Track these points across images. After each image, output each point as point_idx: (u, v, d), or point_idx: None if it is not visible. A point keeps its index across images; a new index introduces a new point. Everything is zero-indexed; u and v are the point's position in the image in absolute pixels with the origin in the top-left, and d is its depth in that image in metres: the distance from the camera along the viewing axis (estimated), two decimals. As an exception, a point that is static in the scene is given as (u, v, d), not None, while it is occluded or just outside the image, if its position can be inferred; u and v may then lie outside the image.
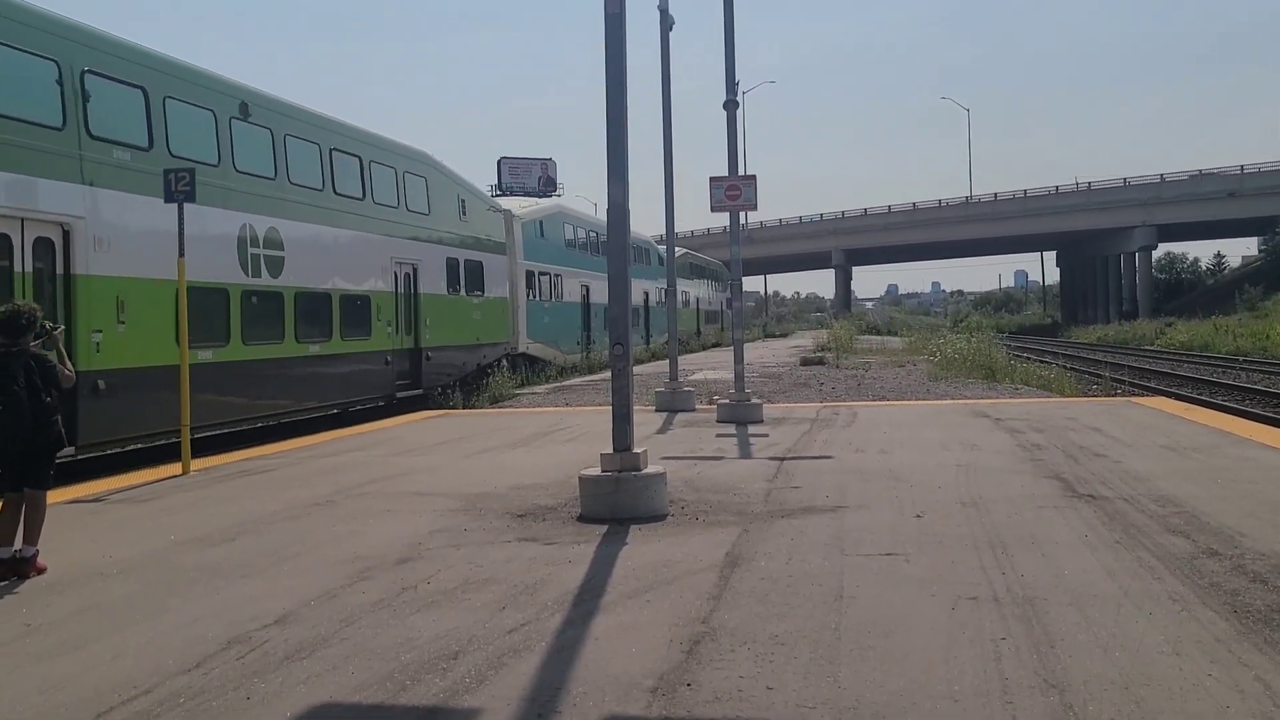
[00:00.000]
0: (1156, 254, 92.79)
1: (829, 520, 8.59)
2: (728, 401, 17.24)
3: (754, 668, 5.04)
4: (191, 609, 6.43)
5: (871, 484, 10.32)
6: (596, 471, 9.13)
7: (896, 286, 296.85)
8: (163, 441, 14.94)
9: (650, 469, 9.18)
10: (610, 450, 9.18)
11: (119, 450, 14.86)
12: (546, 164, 58.30)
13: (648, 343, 48.31)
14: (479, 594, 6.57)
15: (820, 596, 6.27)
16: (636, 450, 9.18)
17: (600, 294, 37.60)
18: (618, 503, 8.88)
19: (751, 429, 15.65)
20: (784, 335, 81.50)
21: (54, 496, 10.66)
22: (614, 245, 9.45)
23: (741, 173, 18.12)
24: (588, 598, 6.42)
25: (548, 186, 56.90)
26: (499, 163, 55.95)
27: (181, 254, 12.55)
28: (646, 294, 50.72)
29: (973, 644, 5.30)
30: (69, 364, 8.02)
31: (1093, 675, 4.79)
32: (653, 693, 4.76)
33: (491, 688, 4.88)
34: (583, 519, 8.92)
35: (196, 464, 13.12)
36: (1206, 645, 5.18)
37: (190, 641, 5.71)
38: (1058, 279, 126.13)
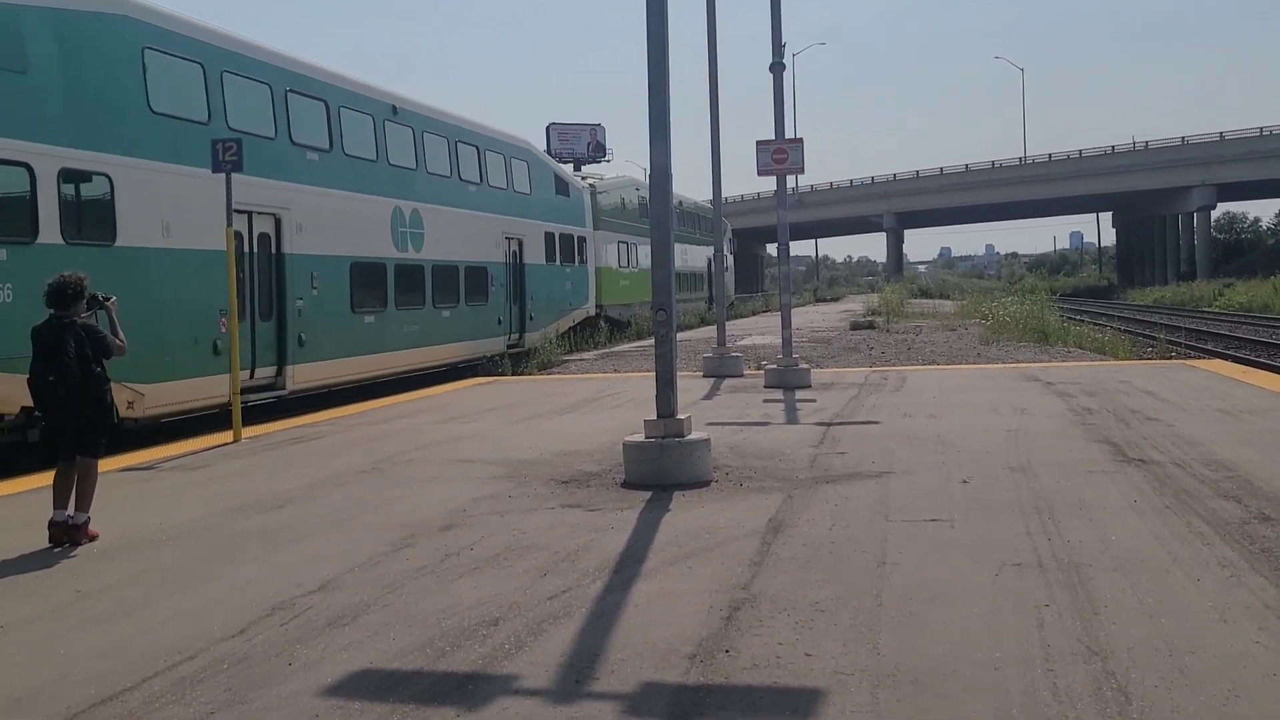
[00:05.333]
0: (1215, 214, 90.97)
1: (874, 486, 8.53)
2: (775, 367, 17.16)
3: (793, 634, 5.03)
4: (237, 575, 6.52)
5: (918, 449, 10.24)
6: (640, 438, 9.13)
7: (950, 249, 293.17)
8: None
9: (694, 435, 9.16)
10: (654, 416, 9.16)
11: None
12: (595, 130, 58.15)
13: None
14: (521, 560, 6.60)
15: (862, 563, 6.24)
16: (680, 416, 9.16)
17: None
18: (662, 469, 8.88)
19: (799, 394, 15.57)
20: (835, 299, 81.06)
21: (107, 464, 10.85)
22: (657, 209, 9.40)
23: (789, 136, 17.97)
24: (629, 564, 6.42)
25: (597, 152, 56.80)
26: (548, 128, 55.88)
27: (229, 223, 12.75)
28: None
29: (1015, 611, 5.25)
30: (121, 334, 8.12)
31: (1137, 643, 4.73)
32: (691, 659, 4.76)
33: (530, 654, 4.90)
34: (627, 485, 8.92)
35: (248, 431, 13.28)
36: (1255, 612, 5.09)
37: (235, 608, 5.78)
38: (1114, 240, 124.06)
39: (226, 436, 12.90)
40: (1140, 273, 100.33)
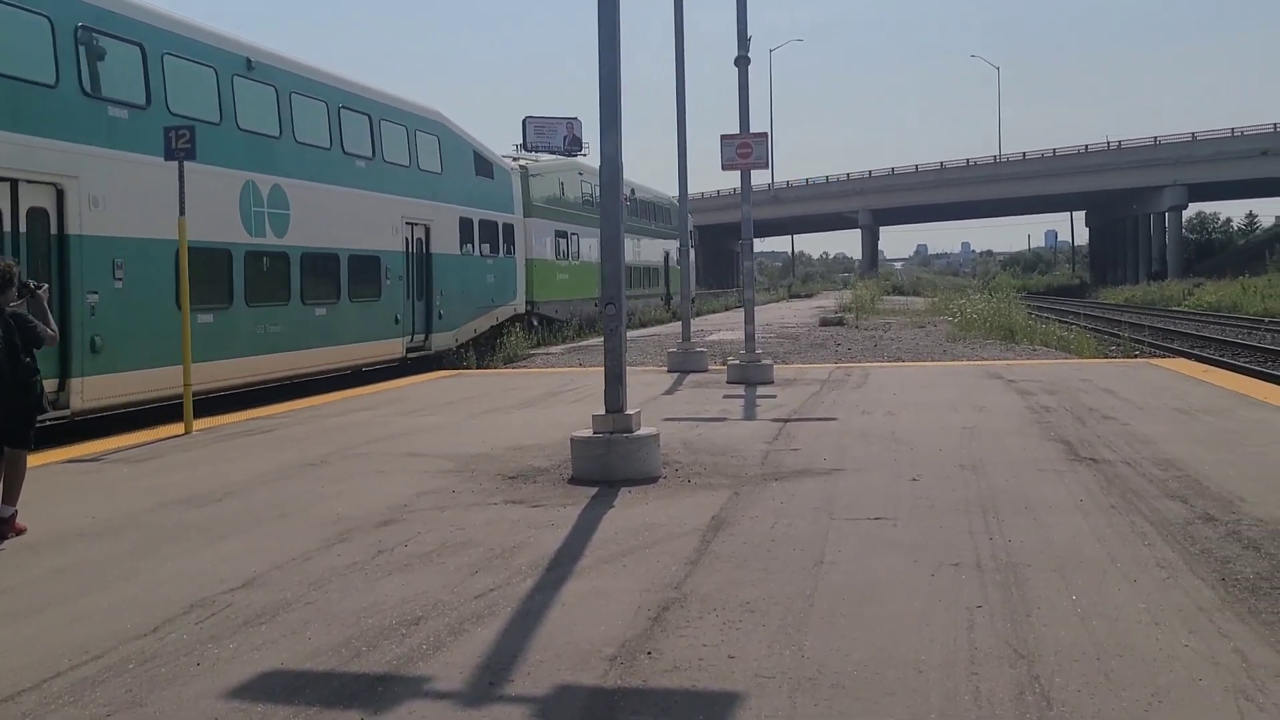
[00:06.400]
0: (1187, 214, 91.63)
1: (822, 483, 8.44)
2: (738, 362, 17.07)
3: (719, 635, 4.92)
4: (163, 571, 6.36)
5: (872, 446, 10.16)
6: (589, 433, 9.01)
7: (926, 247, 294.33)
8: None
9: (643, 430, 9.03)
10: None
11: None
12: (572, 123, 57.71)
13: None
14: (454, 557, 6.47)
15: (799, 562, 6.14)
16: (629, 411, 9.04)
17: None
18: (608, 465, 8.75)
19: (760, 390, 15.48)
20: (809, 296, 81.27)
21: (53, 455, 10.72)
22: (608, 201, 9.26)
23: (761, 131, 17.89)
24: (564, 562, 6.30)
25: (573, 146, 56.42)
26: (524, 121, 55.46)
27: (183, 212, 12.53)
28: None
29: (948, 612, 5.16)
30: (53, 323, 7.94)
31: (1065, 645, 4.64)
32: (611, 661, 4.65)
33: (448, 654, 4.77)
34: (574, 481, 8.80)
35: (201, 423, 13.09)
36: (1188, 614, 5.01)
37: (154, 604, 5.63)
38: (1087, 239, 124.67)
39: (179, 428, 12.70)
40: (1113, 272, 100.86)
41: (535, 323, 29.97)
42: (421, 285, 23.05)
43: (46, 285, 8.17)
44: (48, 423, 12.39)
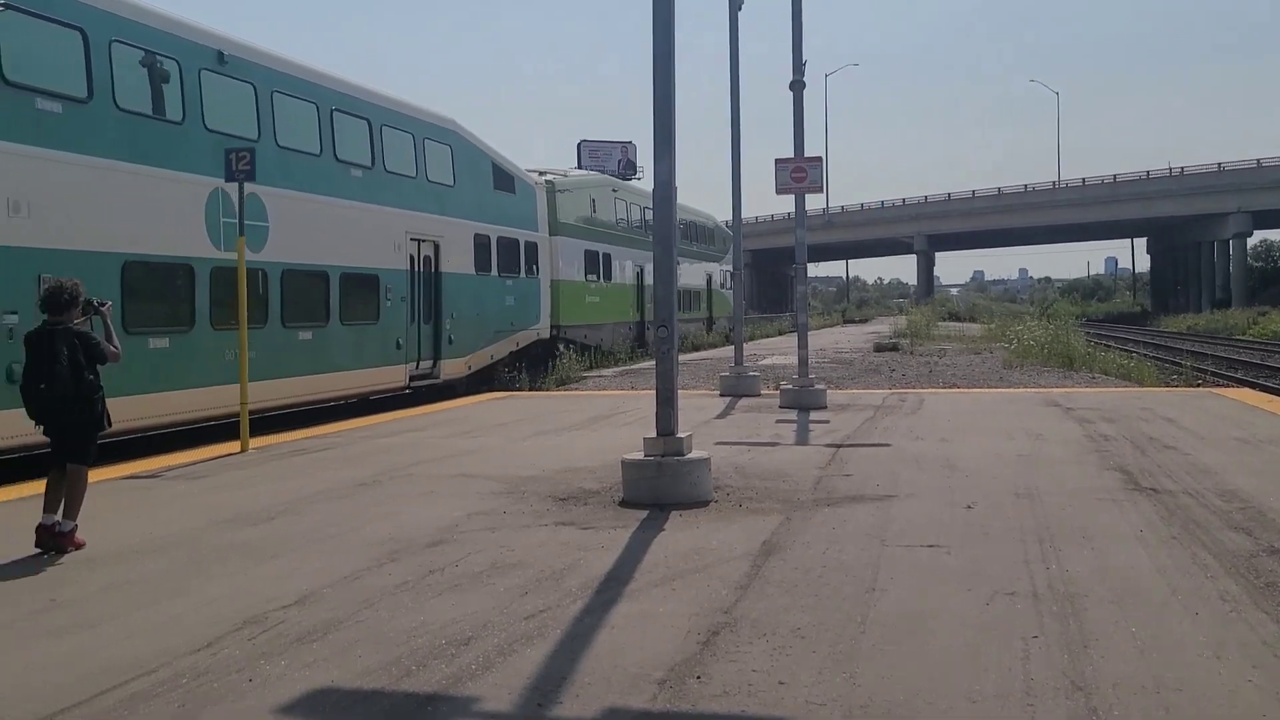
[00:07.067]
0: (1252, 241, 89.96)
1: (875, 510, 8.35)
2: (791, 387, 16.99)
3: (769, 662, 4.87)
4: (215, 588, 6.42)
5: (925, 473, 10.05)
6: (640, 456, 8.99)
7: (983, 273, 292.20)
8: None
9: (694, 454, 9.00)
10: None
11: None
12: (626, 147, 57.92)
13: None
14: (504, 579, 6.46)
15: (851, 589, 6.07)
16: (681, 435, 9.01)
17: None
18: (659, 488, 8.73)
19: (813, 415, 15.39)
20: (863, 321, 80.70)
21: (111, 472, 10.87)
22: (661, 223, 9.26)
23: (814, 155, 17.85)
24: (613, 585, 6.28)
25: (628, 169, 56.68)
26: (579, 145, 55.82)
27: (241, 233, 12.75)
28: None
29: (1002, 642, 5.07)
30: (116, 341, 8.06)
31: (1124, 678, 4.54)
32: (660, 685, 4.61)
33: (496, 675, 4.76)
34: (624, 504, 8.78)
35: (257, 441, 13.23)
36: (1252, 649, 4.88)
37: (207, 621, 5.68)
38: (1148, 266, 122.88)
39: (236, 446, 12.84)
40: (1175, 299, 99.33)
41: (561, 348, 27.50)
42: (429, 307, 21.21)
43: (110, 303, 8.31)
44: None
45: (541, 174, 29.36)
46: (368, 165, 19.17)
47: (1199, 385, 21.65)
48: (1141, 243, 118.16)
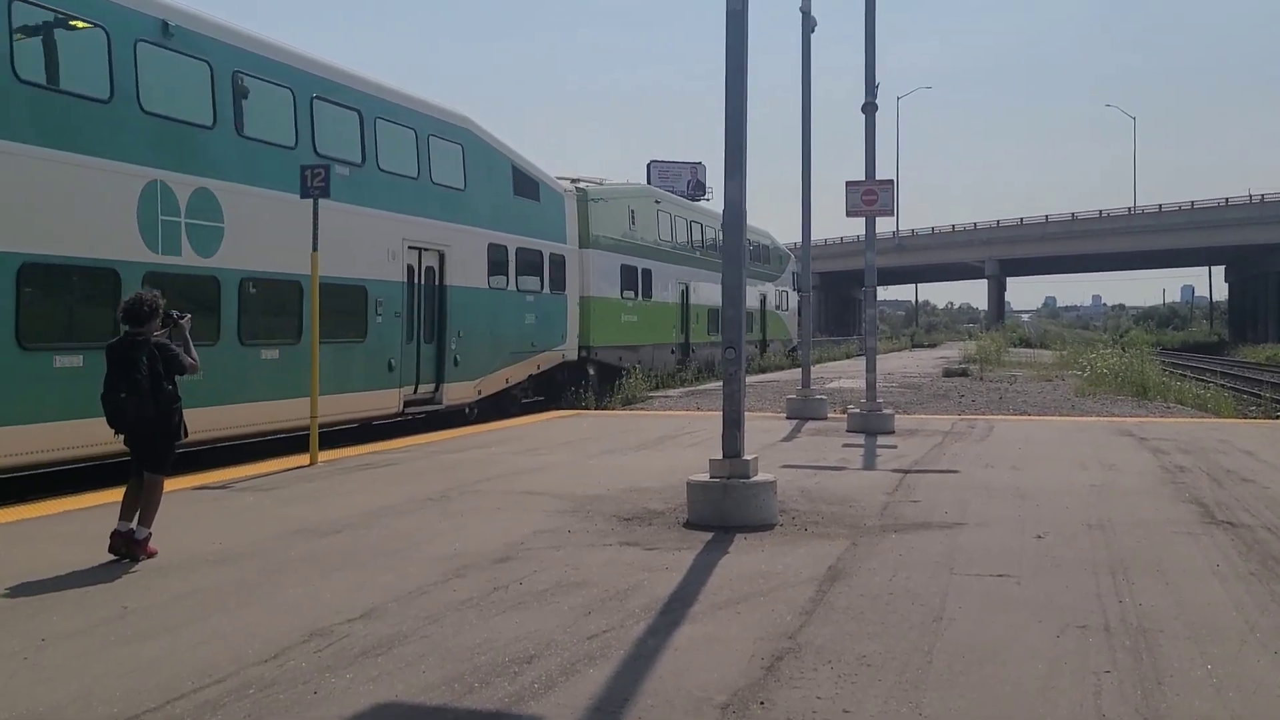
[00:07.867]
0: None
1: (943, 537, 8.24)
2: (858, 411, 16.86)
3: (834, 689, 4.81)
4: (283, 599, 6.50)
5: (995, 501, 9.90)
6: (705, 477, 8.96)
7: (1055, 299, 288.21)
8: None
9: (760, 477, 8.95)
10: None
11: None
12: (696, 168, 58.05)
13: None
14: (568, 597, 6.47)
15: (918, 617, 5.99)
16: (747, 457, 8.97)
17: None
18: (724, 510, 8.70)
19: (880, 440, 15.25)
20: (932, 345, 79.96)
21: (184, 482, 11.05)
22: (730, 247, 9.26)
23: (885, 177, 17.76)
24: (677, 606, 6.26)
25: (697, 190, 56.74)
26: (649, 166, 56.03)
27: (315, 247, 12.89)
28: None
29: (1074, 676, 4.97)
30: (194, 353, 8.21)
31: (1199, 717, 4.43)
32: (723, 709, 4.58)
33: (559, 694, 4.76)
34: (689, 525, 8.76)
35: (325, 455, 13.39)
36: (1334, 691, 4.74)
37: (274, 632, 5.74)
38: (1226, 295, 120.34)
39: (305, 459, 13.01)
40: (1253, 330, 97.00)
41: (591, 371, 25.42)
42: (431, 324, 19.07)
43: (189, 315, 8.46)
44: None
45: (574, 181, 27.25)
46: (355, 162, 16.96)
47: (1279, 418, 21.14)
48: (1219, 270, 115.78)
